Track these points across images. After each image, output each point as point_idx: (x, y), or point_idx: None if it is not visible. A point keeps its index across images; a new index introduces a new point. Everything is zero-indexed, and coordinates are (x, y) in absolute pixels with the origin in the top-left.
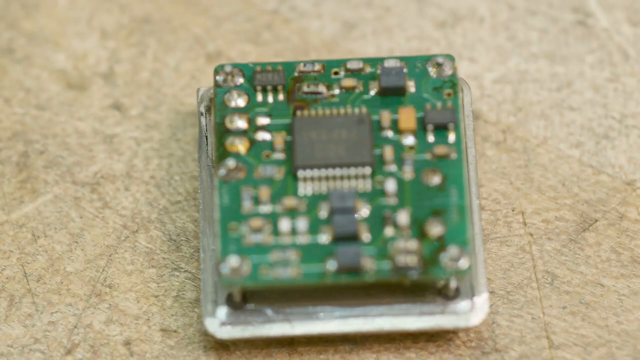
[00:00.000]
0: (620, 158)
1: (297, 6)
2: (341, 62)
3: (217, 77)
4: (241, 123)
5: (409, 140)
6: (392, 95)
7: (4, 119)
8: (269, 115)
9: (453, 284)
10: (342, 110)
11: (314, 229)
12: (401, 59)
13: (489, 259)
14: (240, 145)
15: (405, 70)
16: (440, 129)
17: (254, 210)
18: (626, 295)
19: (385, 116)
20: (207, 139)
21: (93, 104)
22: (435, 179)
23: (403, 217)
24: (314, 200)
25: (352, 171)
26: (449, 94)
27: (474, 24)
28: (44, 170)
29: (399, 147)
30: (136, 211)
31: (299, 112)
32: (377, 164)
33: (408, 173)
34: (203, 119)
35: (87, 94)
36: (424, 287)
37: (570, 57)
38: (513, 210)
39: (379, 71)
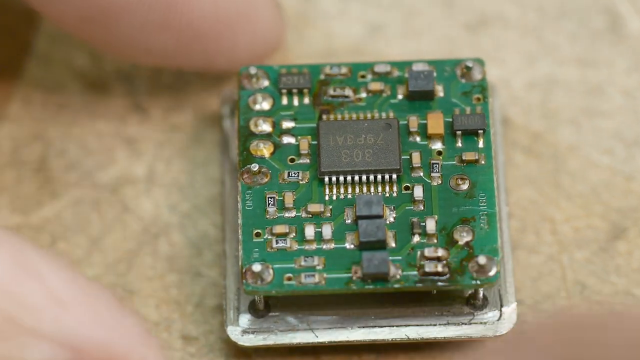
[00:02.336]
0: None
1: (322, 7)
2: (368, 66)
3: (242, 80)
4: (266, 126)
5: (437, 145)
6: (420, 99)
7: (23, 118)
8: (294, 118)
9: (481, 293)
10: (368, 115)
11: (339, 235)
12: (430, 62)
13: (517, 268)
14: (265, 149)
15: (434, 74)
16: (469, 135)
17: (278, 216)
18: None
19: (413, 121)
20: (230, 142)
21: (114, 104)
22: (464, 186)
23: (430, 224)
24: (340, 206)
25: (379, 177)
26: (478, 99)
27: (502, 27)
28: (63, 172)
29: (426, 153)
30: (157, 215)
31: (324, 116)
32: (404, 169)
33: (436, 179)
34: (226, 122)
35: (108, 94)
36: (451, 296)
37: (600, 62)
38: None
39: (407, 75)
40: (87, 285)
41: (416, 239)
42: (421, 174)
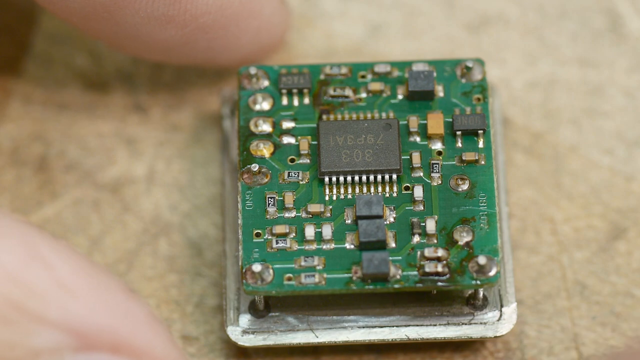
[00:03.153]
0: None
1: (322, 7)
2: (368, 66)
3: (242, 80)
4: (266, 126)
5: (437, 145)
6: (420, 99)
7: (23, 118)
8: (294, 119)
9: (481, 294)
10: (368, 115)
11: (339, 235)
12: (430, 62)
13: (518, 268)
14: (265, 149)
15: (434, 74)
16: (469, 135)
17: (278, 216)
18: None
19: (413, 121)
20: (230, 142)
21: (114, 104)
22: (464, 186)
23: (430, 225)
24: (340, 206)
25: (379, 177)
26: (478, 99)
27: (502, 27)
28: (63, 172)
29: (426, 153)
30: (157, 215)
31: (324, 116)
32: (404, 169)
33: (436, 179)
34: (226, 122)
35: (108, 94)
36: (451, 296)
37: (601, 62)
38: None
39: (407, 75)
40: (95, 272)
41: (416, 239)
42: (421, 174)
